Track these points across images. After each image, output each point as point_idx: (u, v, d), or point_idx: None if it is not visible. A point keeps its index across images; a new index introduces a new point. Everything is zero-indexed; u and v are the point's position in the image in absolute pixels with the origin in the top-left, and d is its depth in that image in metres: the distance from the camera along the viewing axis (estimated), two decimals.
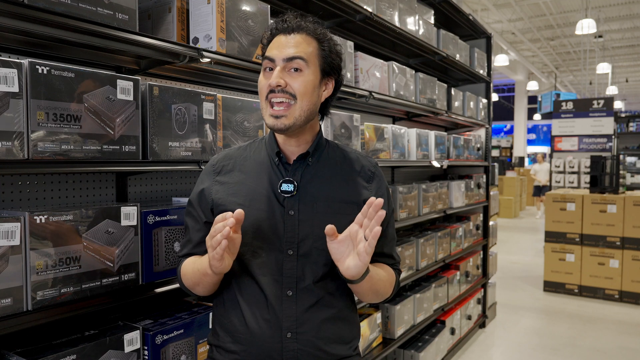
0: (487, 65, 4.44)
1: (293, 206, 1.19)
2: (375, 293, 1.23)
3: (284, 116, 1.16)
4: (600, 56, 15.56)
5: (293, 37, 1.18)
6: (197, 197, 1.27)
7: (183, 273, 1.26)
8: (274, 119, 1.16)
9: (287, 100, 1.15)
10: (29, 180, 1.47)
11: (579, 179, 8.27)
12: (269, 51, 1.19)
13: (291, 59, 1.15)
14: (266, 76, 1.18)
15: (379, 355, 2.69)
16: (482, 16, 11.80)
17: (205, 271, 1.14)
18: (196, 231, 1.27)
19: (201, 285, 1.21)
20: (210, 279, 1.16)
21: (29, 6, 1.17)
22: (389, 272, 1.30)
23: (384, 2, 2.67)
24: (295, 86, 1.15)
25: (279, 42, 1.18)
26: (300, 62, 1.16)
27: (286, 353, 1.16)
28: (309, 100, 1.18)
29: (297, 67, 1.16)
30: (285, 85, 1.15)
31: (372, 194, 1.28)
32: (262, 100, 1.19)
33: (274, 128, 1.17)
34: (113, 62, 1.67)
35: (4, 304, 1.15)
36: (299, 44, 1.17)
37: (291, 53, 1.16)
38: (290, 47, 1.16)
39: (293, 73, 1.16)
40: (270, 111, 1.17)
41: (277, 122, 1.16)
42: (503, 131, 23.47)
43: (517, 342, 4.08)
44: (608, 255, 5.30)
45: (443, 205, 3.53)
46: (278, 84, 1.14)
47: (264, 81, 1.18)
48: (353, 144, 2.39)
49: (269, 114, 1.17)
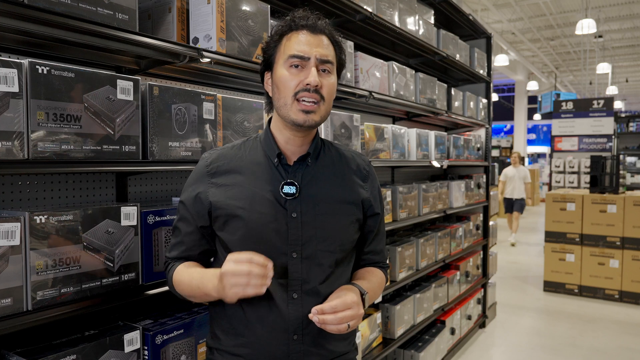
0: (487, 65, 4.44)
1: (295, 208, 1.18)
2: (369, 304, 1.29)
3: (314, 112, 1.15)
4: (600, 56, 15.56)
5: (321, 37, 1.18)
6: (191, 200, 1.23)
7: (177, 281, 1.23)
8: (304, 114, 1.15)
9: (317, 100, 1.15)
10: (29, 180, 1.47)
11: (579, 179, 8.27)
12: (297, 47, 1.15)
13: (325, 60, 1.16)
14: (293, 73, 1.15)
15: (379, 355, 2.69)
16: (482, 16, 11.80)
17: (207, 292, 1.13)
18: (188, 234, 1.25)
19: (198, 299, 1.21)
20: (213, 299, 1.15)
21: (29, 6, 1.17)
22: (379, 277, 1.36)
23: (384, 2, 2.67)
24: (325, 88, 1.16)
25: (308, 40, 1.16)
26: (330, 65, 1.18)
27: (292, 355, 1.17)
28: (331, 102, 1.20)
29: (326, 69, 1.17)
30: (320, 87, 1.15)
31: (368, 194, 1.30)
32: (288, 97, 1.15)
33: (303, 124, 1.15)
34: (113, 62, 1.66)
35: (4, 304, 1.15)
36: (328, 47, 1.19)
37: (325, 54, 1.16)
38: (322, 47, 1.16)
39: (323, 74, 1.17)
40: (301, 106, 1.14)
41: (307, 117, 1.15)
42: (503, 131, 23.47)
43: (517, 342, 4.08)
44: (608, 255, 5.30)
45: (443, 205, 3.53)
46: (317, 84, 1.13)
47: (292, 78, 1.15)
48: (353, 144, 2.39)
49: (298, 109, 1.15)
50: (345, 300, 1.11)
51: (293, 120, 1.16)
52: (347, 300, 1.11)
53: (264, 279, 1.03)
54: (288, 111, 1.16)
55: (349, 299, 1.12)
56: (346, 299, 1.11)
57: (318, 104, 1.15)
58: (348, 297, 1.12)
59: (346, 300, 1.11)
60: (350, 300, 1.11)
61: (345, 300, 1.11)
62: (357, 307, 1.12)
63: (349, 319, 1.10)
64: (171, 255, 1.28)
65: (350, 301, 1.11)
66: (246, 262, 1.02)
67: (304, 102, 1.14)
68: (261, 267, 1.02)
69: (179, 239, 1.27)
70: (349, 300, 1.11)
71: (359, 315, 1.12)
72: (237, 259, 1.04)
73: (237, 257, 1.04)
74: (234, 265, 1.03)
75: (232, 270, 1.03)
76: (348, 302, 1.11)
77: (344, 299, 1.11)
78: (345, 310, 1.10)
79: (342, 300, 1.10)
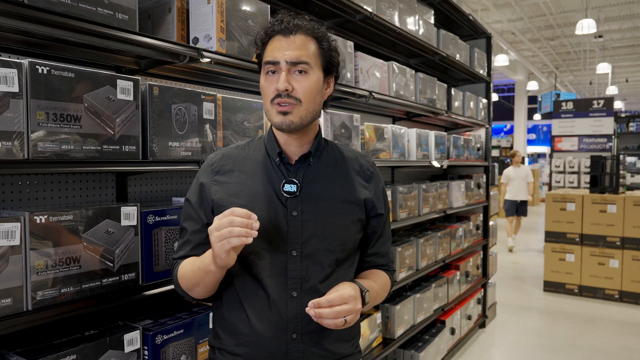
0: (487, 65, 4.44)
1: (296, 207, 1.19)
2: (372, 305, 1.28)
3: (290, 113, 1.14)
4: (600, 56, 15.55)
5: (293, 38, 1.15)
6: (196, 198, 1.24)
7: (181, 274, 1.22)
8: (281, 116, 1.15)
9: (292, 103, 1.15)
10: (29, 180, 1.47)
11: (579, 179, 8.27)
12: (270, 53, 1.16)
13: (296, 62, 1.14)
14: (269, 80, 1.16)
15: (379, 355, 2.69)
16: (482, 16, 11.80)
17: (207, 268, 1.11)
18: (195, 232, 1.25)
19: (201, 285, 1.18)
20: (213, 276, 1.13)
21: (29, 6, 1.17)
22: (383, 279, 1.34)
23: (384, 2, 2.67)
24: (301, 90, 1.15)
25: (280, 45, 1.15)
26: (304, 65, 1.14)
27: (291, 354, 1.17)
28: (313, 102, 1.18)
29: (302, 70, 1.15)
30: (292, 90, 1.14)
31: (371, 194, 1.30)
32: (267, 103, 1.17)
33: (281, 126, 1.15)
34: (113, 62, 1.66)
35: (4, 304, 1.15)
36: (301, 46, 1.15)
37: (295, 56, 1.14)
38: (292, 49, 1.14)
39: (298, 76, 1.15)
40: (278, 108, 1.15)
41: (284, 119, 1.14)
42: (503, 131, 23.47)
43: (517, 342, 4.08)
44: (608, 255, 5.30)
45: (443, 205, 3.53)
46: (286, 89, 1.13)
47: (268, 85, 1.16)
48: (353, 144, 2.39)
49: (276, 112, 1.15)
50: (343, 294, 1.09)
51: (274, 124, 1.17)
52: (345, 294, 1.10)
53: (248, 228, 1.01)
54: (270, 115, 1.18)
55: (347, 293, 1.10)
56: (343, 293, 1.10)
57: (295, 105, 1.15)
58: (345, 291, 1.11)
59: (343, 294, 1.09)
60: (348, 295, 1.10)
61: (342, 294, 1.09)
62: (355, 302, 1.10)
63: (346, 313, 1.08)
64: (178, 256, 1.28)
65: (347, 295, 1.10)
66: (228, 215, 1.03)
67: (281, 105, 1.15)
68: (243, 218, 1.02)
69: (185, 239, 1.26)
70: (346, 294, 1.10)
71: (356, 310, 1.10)
72: (219, 216, 1.04)
73: (220, 215, 1.04)
74: (216, 220, 1.04)
75: (215, 225, 1.03)
76: (345, 296, 1.09)
77: (341, 293, 1.10)
78: (342, 304, 1.08)
79: (339, 294, 1.09)
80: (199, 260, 1.17)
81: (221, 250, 1.03)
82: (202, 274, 1.15)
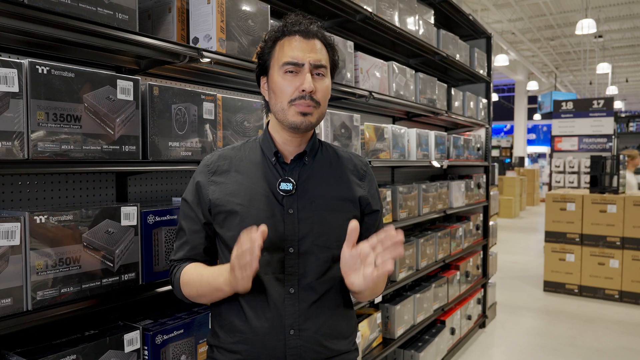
0: (487, 65, 4.44)
1: (292, 205, 1.21)
2: (371, 296, 1.28)
3: (311, 114, 1.18)
4: (600, 56, 15.56)
5: (314, 41, 1.19)
6: (193, 197, 1.25)
7: (185, 282, 1.22)
8: (301, 116, 1.17)
9: (313, 105, 1.18)
10: (29, 180, 1.47)
11: (579, 179, 8.27)
12: (291, 54, 1.17)
13: (319, 65, 1.18)
14: (288, 79, 1.17)
15: (379, 355, 2.69)
16: (482, 16, 11.80)
17: (220, 287, 1.13)
18: (194, 233, 1.26)
19: (208, 298, 1.20)
20: (224, 294, 1.16)
21: (29, 6, 1.17)
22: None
23: (384, 2, 2.67)
24: (320, 93, 1.18)
25: (301, 46, 1.17)
26: (323, 69, 1.19)
27: (289, 350, 1.17)
28: (325, 104, 1.22)
29: (321, 73, 1.19)
30: (315, 91, 1.17)
31: (365, 192, 1.32)
32: (284, 102, 1.18)
33: (299, 126, 1.18)
34: (113, 62, 1.66)
35: (4, 304, 1.15)
36: (321, 50, 1.20)
37: (317, 59, 1.18)
38: (315, 52, 1.18)
39: (317, 78, 1.19)
40: (298, 109, 1.17)
41: (304, 119, 1.17)
42: (503, 131, 23.47)
43: (517, 342, 4.08)
44: (608, 255, 5.30)
45: (443, 205, 3.53)
46: (311, 89, 1.15)
47: (288, 85, 1.17)
48: (353, 144, 2.39)
49: (295, 112, 1.17)
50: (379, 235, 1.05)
51: (290, 123, 1.18)
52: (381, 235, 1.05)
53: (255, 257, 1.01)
54: (285, 115, 1.19)
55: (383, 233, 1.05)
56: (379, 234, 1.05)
57: (314, 107, 1.18)
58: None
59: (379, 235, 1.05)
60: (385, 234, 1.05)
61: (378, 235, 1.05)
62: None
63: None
64: (176, 257, 1.28)
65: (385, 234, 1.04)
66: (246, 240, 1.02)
67: (302, 105, 1.17)
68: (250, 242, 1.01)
69: (183, 240, 1.27)
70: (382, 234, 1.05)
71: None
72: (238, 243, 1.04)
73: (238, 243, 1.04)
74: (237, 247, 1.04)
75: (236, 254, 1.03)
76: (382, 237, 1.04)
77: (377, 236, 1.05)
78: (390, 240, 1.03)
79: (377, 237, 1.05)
80: (208, 275, 1.18)
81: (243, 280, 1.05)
82: (211, 290, 1.17)
